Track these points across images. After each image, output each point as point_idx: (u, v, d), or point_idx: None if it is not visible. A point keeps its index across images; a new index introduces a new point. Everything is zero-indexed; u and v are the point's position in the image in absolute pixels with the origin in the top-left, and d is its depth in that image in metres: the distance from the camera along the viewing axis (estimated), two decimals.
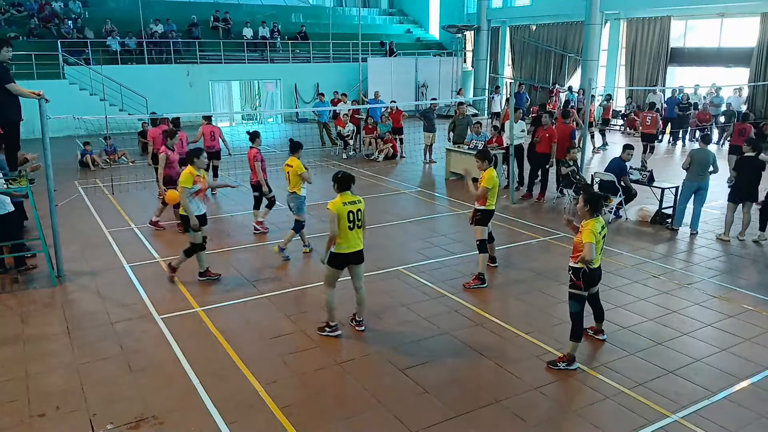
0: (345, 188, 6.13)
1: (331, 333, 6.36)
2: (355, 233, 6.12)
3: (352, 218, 6.05)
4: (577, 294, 5.75)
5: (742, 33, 20.16)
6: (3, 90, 7.33)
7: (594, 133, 17.86)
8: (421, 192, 13.04)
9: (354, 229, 6.10)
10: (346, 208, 6.02)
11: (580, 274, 5.65)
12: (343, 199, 6.07)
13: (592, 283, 5.83)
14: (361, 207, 6.16)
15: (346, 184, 6.14)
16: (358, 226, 6.14)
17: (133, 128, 17.90)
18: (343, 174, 6.21)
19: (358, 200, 6.16)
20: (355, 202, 6.11)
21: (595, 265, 5.73)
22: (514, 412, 5.09)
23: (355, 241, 6.16)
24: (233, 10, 26.80)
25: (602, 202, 6.03)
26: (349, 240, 6.10)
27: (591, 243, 5.48)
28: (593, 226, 5.58)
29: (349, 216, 6.02)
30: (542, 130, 12.10)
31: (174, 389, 5.43)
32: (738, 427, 4.90)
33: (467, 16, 28.85)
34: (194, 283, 7.95)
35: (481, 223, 7.73)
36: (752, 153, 9.48)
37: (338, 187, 6.15)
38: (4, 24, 22.02)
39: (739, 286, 7.84)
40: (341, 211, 6.00)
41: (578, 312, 5.77)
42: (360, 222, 6.14)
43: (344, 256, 6.17)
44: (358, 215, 6.10)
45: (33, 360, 5.94)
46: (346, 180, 6.15)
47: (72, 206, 11.53)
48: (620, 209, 10.89)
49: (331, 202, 6.07)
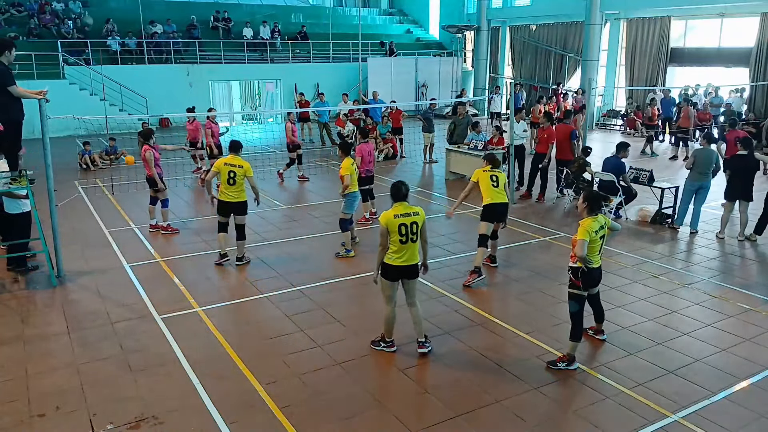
0: (398, 198, 5.76)
1: (386, 348, 6.04)
2: (410, 246, 5.70)
3: (405, 231, 5.62)
4: (576, 294, 5.75)
5: (742, 33, 20.16)
6: (5, 91, 7.34)
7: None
8: (421, 192, 13.03)
9: (408, 243, 5.68)
10: (398, 220, 5.63)
11: (578, 273, 5.66)
12: (395, 210, 5.70)
13: (591, 284, 5.82)
14: (418, 220, 5.72)
15: (397, 194, 5.77)
16: (413, 240, 5.71)
17: (134, 128, 17.88)
18: (394, 183, 5.86)
19: (414, 212, 5.74)
20: (410, 215, 5.69)
21: (594, 265, 5.73)
22: (514, 412, 5.09)
23: (410, 254, 5.73)
24: (233, 10, 26.80)
25: (602, 201, 6.04)
26: (403, 253, 5.70)
27: (584, 240, 5.50)
28: (589, 225, 5.59)
29: (401, 229, 5.61)
30: (541, 131, 12.10)
31: (174, 389, 5.44)
32: (738, 427, 4.90)
33: (467, 16, 28.84)
34: (194, 283, 7.96)
35: (482, 217, 7.93)
36: (744, 152, 9.49)
37: (392, 197, 5.80)
38: (4, 24, 22.02)
39: (739, 286, 7.84)
40: (391, 224, 5.63)
41: (577, 312, 5.77)
42: (414, 236, 5.70)
43: (396, 268, 5.75)
44: (412, 228, 5.67)
45: (33, 360, 5.94)
46: (396, 190, 5.79)
47: (72, 206, 11.53)
48: (620, 209, 10.89)
49: (384, 213, 5.77)
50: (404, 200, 5.81)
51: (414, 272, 5.88)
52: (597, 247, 5.70)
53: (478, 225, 7.97)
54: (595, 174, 11.18)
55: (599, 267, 5.83)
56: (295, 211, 11.47)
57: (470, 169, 13.57)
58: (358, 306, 7.31)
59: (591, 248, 5.64)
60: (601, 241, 5.73)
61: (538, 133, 12.20)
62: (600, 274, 5.90)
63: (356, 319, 6.76)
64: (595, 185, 10.98)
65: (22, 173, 7.96)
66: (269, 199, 12.25)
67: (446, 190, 13.33)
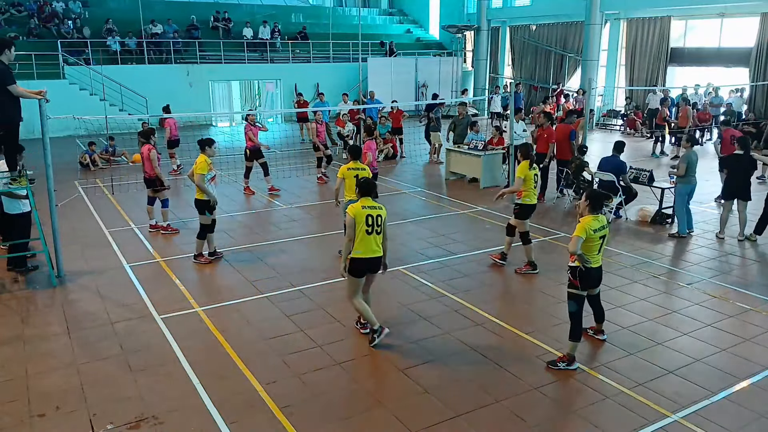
0: (365, 194, 6.03)
1: (379, 337, 6.13)
2: (373, 238, 5.96)
3: (371, 222, 5.91)
4: (574, 294, 5.75)
5: (742, 33, 20.16)
6: (5, 91, 7.32)
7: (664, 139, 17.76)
8: (421, 192, 13.04)
9: (372, 234, 5.94)
10: (365, 211, 5.92)
11: (576, 273, 5.66)
12: (362, 203, 5.99)
13: (590, 284, 5.82)
14: (382, 213, 6.02)
15: (366, 189, 6.06)
16: (377, 232, 5.97)
17: (134, 128, 17.88)
18: (365, 180, 6.25)
19: (379, 207, 6.05)
20: (376, 207, 6.00)
21: (594, 265, 5.72)
22: (514, 413, 5.09)
23: (374, 246, 5.98)
24: (233, 10, 26.80)
25: (603, 200, 6.06)
26: (368, 244, 5.93)
27: (579, 237, 5.52)
28: (588, 223, 5.61)
29: (367, 219, 5.89)
30: (541, 131, 12.11)
31: (174, 389, 5.44)
32: (738, 427, 4.90)
33: (467, 16, 28.83)
34: (194, 283, 7.97)
35: (519, 216, 8.17)
36: (741, 151, 9.50)
37: (359, 192, 6.09)
38: (4, 24, 22.01)
39: (739, 285, 7.84)
40: (359, 214, 5.89)
41: (576, 312, 5.76)
42: (379, 228, 5.97)
43: (363, 262, 5.98)
44: (377, 220, 5.95)
45: (33, 360, 5.94)
46: (365, 186, 6.09)
47: (72, 206, 11.53)
48: (620, 209, 10.88)
49: (351, 205, 6.03)
50: (370, 197, 6.06)
51: (378, 265, 6.12)
52: (596, 246, 5.69)
53: (521, 223, 8.20)
54: (594, 174, 11.18)
55: (599, 267, 5.82)
56: (295, 211, 11.47)
57: (470, 169, 13.66)
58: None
59: (590, 247, 5.65)
60: (601, 241, 5.72)
61: (538, 133, 12.19)
62: (600, 274, 5.89)
63: (356, 318, 6.75)
64: (595, 185, 10.97)
65: (22, 173, 7.96)
66: (269, 199, 12.26)
67: (446, 190, 13.33)
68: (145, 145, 9.97)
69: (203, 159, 8.37)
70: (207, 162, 8.37)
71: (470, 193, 12.82)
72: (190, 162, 14.88)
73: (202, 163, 8.32)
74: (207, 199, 8.36)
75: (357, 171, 8.07)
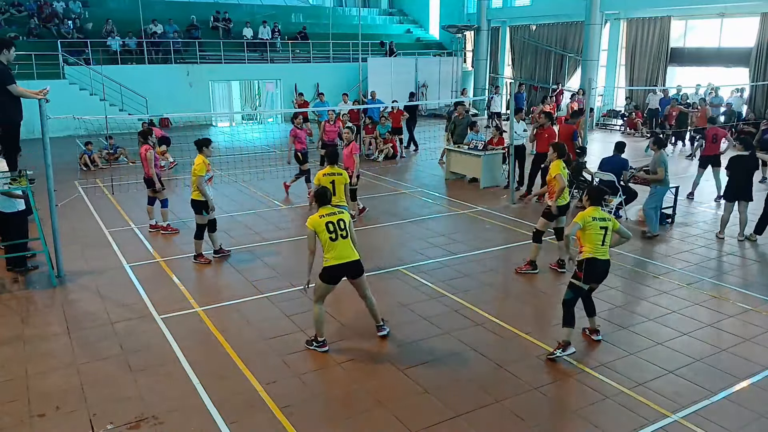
0: (323, 203, 5.95)
1: (318, 348, 6.07)
2: (341, 243, 5.84)
3: (333, 228, 5.80)
4: (575, 284, 5.90)
5: (742, 33, 20.16)
6: (5, 90, 7.33)
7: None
8: (421, 192, 13.03)
9: (338, 240, 5.82)
10: (324, 219, 5.82)
11: (583, 264, 5.80)
12: (320, 212, 5.90)
13: (593, 277, 5.89)
14: (344, 217, 5.92)
15: (321, 199, 5.97)
16: (343, 236, 5.84)
17: (134, 128, 17.88)
18: (320, 189, 6.14)
19: (339, 211, 5.98)
20: (335, 213, 5.91)
21: (600, 257, 5.82)
22: (514, 412, 5.09)
23: (345, 251, 5.87)
24: (233, 10, 26.79)
25: (603, 194, 6.23)
26: (336, 250, 5.82)
27: (575, 223, 5.82)
28: (589, 211, 5.86)
29: (328, 227, 5.79)
30: (541, 131, 12.10)
31: (174, 389, 5.44)
32: (738, 427, 4.90)
33: (467, 16, 28.83)
34: (194, 283, 7.97)
35: (551, 217, 8.02)
36: (745, 152, 9.50)
37: (317, 202, 6.00)
38: (4, 24, 22.01)
39: (739, 285, 7.84)
40: (317, 224, 5.80)
41: (570, 301, 5.93)
42: (344, 231, 5.85)
43: (334, 269, 5.88)
44: (339, 224, 5.83)
45: (33, 360, 5.94)
46: (321, 196, 5.99)
47: (72, 206, 11.53)
48: (620, 209, 10.88)
49: (309, 218, 5.92)
50: (328, 204, 5.99)
51: (357, 269, 5.99)
52: (597, 237, 5.80)
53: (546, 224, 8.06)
54: (594, 174, 11.18)
55: (606, 260, 5.90)
56: (295, 211, 11.47)
57: (470, 169, 13.66)
58: (357, 305, 7.29)
59: (591, 236, 5.79)
60: (603, 232, 5.82)
61: (538, 132, 12.18)
62: (606, 269, 5.95)
63: (356, 318, 6.76)
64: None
65: (22, 173, 7.96)
66: (269, 199, 12.26)
67: (446, 190, 13.33)
68: (143, 146, 9.97)
69: (201, 160, 8.32)
70: (205, 163, 8.35)
71: (470, 193, 12.82)
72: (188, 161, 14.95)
73: (200, 164, 8.28)
74: (204, 200, 8.33)
75: (333, 177, 7.90)
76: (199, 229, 8.50)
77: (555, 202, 7.85)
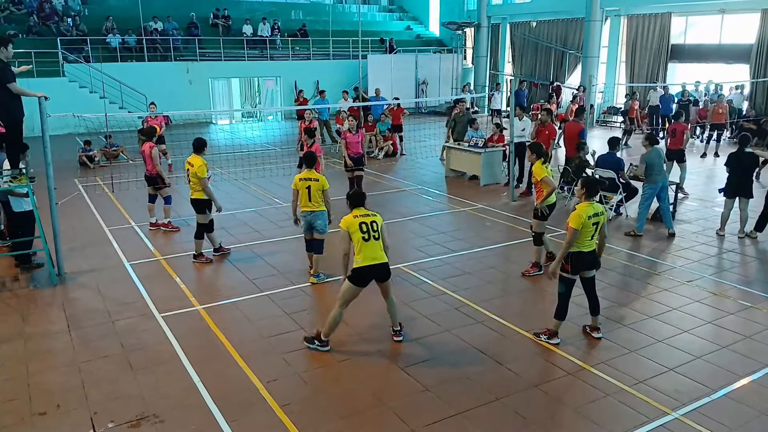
0: (357, 205, 6.02)
1: (320, 347, 6.03)
2: (372, 244, 5.82)
3: (366, 228, 5.81)
4: (564, 276, 5.99)
5: (743, 29, 20.12)
6: (5, 89, 7.32)
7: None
8: (422, 189, 13.02)
9: (370, 240, 5.81)
10: (358, 219, 5.85)
11: (569, 258, 5.88)
12: (354, 213, 5.95)
13: (580, 267, 5.95)
14: (377, 220, 5.94)
15: (356, 201, 6.05)
16: (375, 238, 5.83)
17: (133, 126, 17.88)
18: (354, 192, 6.25)
19: (372, 214, 6.00)
20: (369, 215, 5.94)
21: (585, 249, 5.88)
22: (515, 410, 5.10)
23: (376, 252, 5.83)
24: (233, 7, 26.75)
25: (599, 187, 6.24)
26: (368, 251, 5.79)
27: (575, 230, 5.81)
28: (584, 209, 5.84)
29: (361, 227, 5.80)
30: (542, 128, 12.08)
31: (175, 387, 5.44)
32: (738, 425, 4.90)
33: (467, 13, 28.78)
34: (195, 281, 7.97)
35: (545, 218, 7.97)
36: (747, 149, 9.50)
37: (350, 204, 6.07)
38: (4, 22, 21.97)
39: (740, 283, 7.83)
40: (351, 224, 5.83)
41: (564, 293, 6.00)
42: (376, 233, 5.85)
43: (365, 270, 5.83)
44: (372, 226, 5.85)
45: (34, 358, 5.95)
46: (356, 197, 6.09)
47: (72, 204, 11.53)
48: (621, 206, 10.88)
49: (344, 218, 5.95)
50: (362, 206, 6.04)
51: (386, 272, 5.94)
52: (588, 233, 5.86)
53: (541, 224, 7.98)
54: (595, 171, 11.16)
55: (591, 251, 5.98)
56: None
57: (470, 166, 13.65)
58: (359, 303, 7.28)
59: (582, 233, 5.83)
60: (593, 228, 5.88)
61: (538, 129, 12.16)
62: (592, 258, 6.01)
63: (357, 316, 6.76)
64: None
65: (23, 171, 7.96)
66: (269, 197, 12.25)
67: (446, 187, 13.32)
68: (146, 143, 9.96)
69: (202, 161, 8.29)
70: (205, 163, 8.34)
71: (470, 191, 12.81)
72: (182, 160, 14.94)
73: (201, 166, 8.24)
74: (206, 199, 8.35)
75: (309, 182, 7.50)
76: (200, 229, 8.50)
77: (542, 204, 7.80)
